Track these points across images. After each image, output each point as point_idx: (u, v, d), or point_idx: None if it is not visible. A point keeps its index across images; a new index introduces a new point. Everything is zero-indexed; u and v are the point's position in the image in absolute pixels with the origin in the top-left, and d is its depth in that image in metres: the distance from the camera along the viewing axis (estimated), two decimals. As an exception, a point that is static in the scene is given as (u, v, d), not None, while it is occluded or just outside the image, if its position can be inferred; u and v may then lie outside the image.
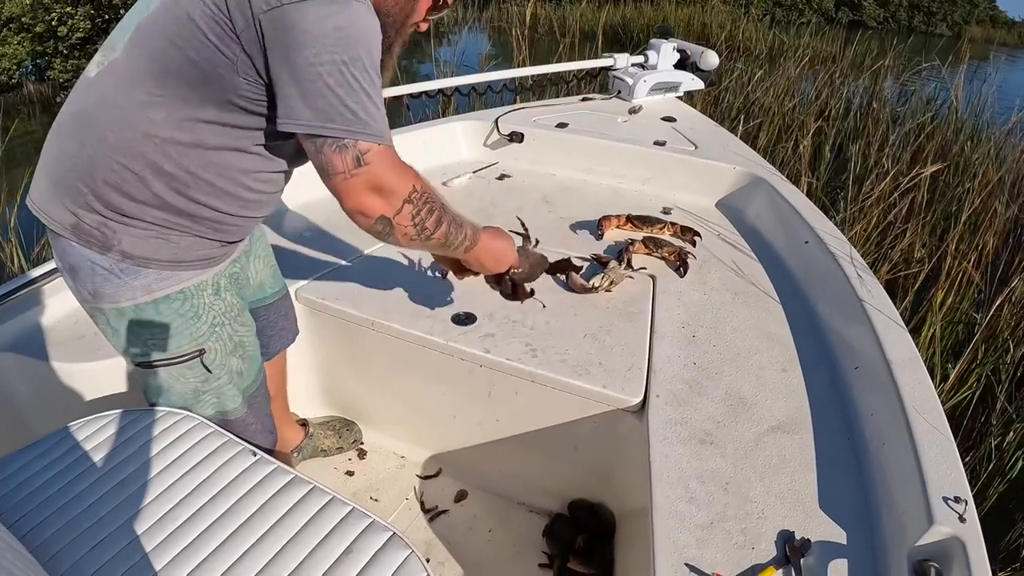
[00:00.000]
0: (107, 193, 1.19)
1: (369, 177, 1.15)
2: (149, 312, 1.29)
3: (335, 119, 1.10)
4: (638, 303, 1.99)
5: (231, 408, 1.49)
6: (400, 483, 2.10)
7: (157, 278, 1.27)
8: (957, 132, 6.38)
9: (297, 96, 1.09)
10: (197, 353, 1.37)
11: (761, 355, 1.81)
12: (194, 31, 1.08)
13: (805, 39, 12.69)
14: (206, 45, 1.09)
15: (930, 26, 30.61)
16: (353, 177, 1.15)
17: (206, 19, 1.07)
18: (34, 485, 1.25)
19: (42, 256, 4.12)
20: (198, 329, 1.35)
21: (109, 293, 1.26)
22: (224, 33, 1.08)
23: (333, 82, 1.08)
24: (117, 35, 1.19)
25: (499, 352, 1.75)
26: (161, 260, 1.26)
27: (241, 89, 1.14)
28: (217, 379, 1.43)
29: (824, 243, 2.14)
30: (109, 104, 1.15)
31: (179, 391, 1.40)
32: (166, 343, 1.33)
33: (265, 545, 1.12)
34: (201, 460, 1.29)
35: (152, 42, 1.12)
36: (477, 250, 1.49)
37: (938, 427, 1.41)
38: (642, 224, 2.39)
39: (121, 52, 1.15)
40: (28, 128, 8.02)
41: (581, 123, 3.19)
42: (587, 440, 1.78)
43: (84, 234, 1.21)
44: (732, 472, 1.43)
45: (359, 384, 2.13)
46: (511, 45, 6.53)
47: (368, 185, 1.16)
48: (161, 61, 1.12)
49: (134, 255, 1.24)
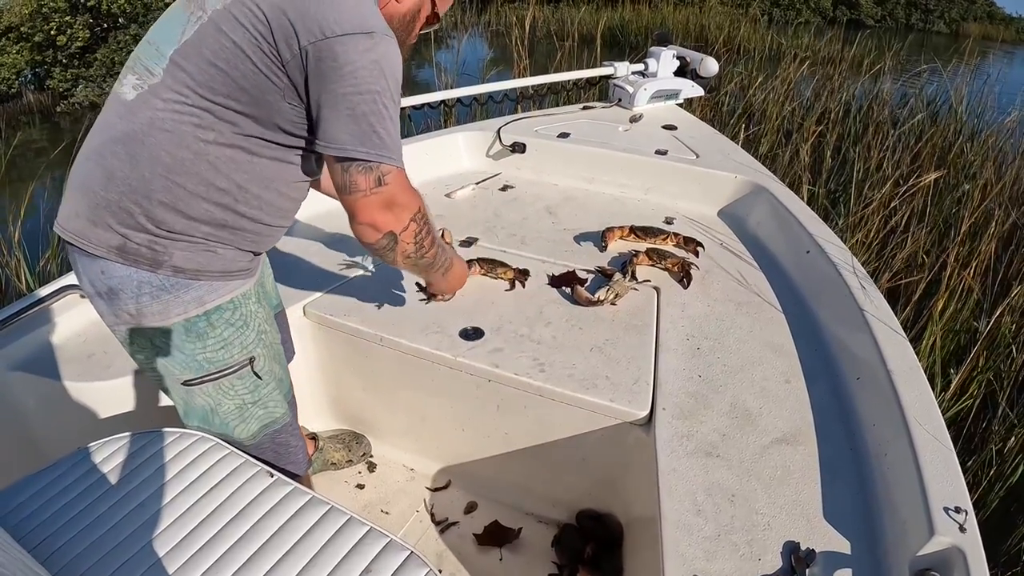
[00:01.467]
0: (161, 211, 1.22)
1: (386, 196, 1.27)
2: (200, 325, 1.31)
3: (365, 143, 1.22)
4: (643, 315, 2.01)
5: (279, 415, 1.52)
6: (410, 496, 2.12)
7: (208, 289, 1.30)
8: (957, 133, 6.38)
9: (336, 121, 1.20)
10: (248, 361, 1.41)
11: (765, 366, 1.83)
12: (241, 58, 1.17)
13: (804, 39, 12.69)
14: (254, 72, 1.18)
15: (928, 23, 30.54)
16: (373, 195, 1.26)
17: (252, 47, 1.16)
18: (52, 508, 1.26)
19: (47, 270, 4.12)
20: (247, 337, 1.39)
21: (157, 311, 1.27)
22: (271, 62, 1.17)
23: (368, 110, 1.20)
24: (150, 60, 1.22)
25: (507, 367, 1.77)
26: (212, 272, 1.30)
27: (285, 112, 1.24)
28: (266, 385, 1.46)
29: (826, 252, 2.16)
30: (160, 126, 1.19)
31: (225, 408, 1.42)
32: (218, 354, 1.35)
33: (285, 567, 1.14)
34: (218, 482, 1.30)
35: (198, 67, 1.18)
36: (451, 272, 1.69)
37: (939, 437, 1.43)
38: (645, 235, 2.41)
39: (162, 76, 1.19)
40: (29, 138, 8.04)
41: (583, 132, 3.22)
42: (594, 452, 1.80)
43: (131, 254, 1.24)
44: (738, 484, 1.45)
45: (368, 398, 2.15)
46: (510, 50, 6.54)
47: (384, 203, 1.28)
48: (209, 86, 1.18)
49: (186, 269, 1.27)
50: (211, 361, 1.35)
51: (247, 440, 1.48)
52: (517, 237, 2.46)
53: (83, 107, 9.05)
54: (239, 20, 1.16)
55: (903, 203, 4.20)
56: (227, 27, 1.16)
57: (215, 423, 1.44)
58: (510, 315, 1.98)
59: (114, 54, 9.24)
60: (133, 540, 1.19)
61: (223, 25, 1.17)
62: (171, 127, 1.19)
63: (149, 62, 1.22)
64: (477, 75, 7.22)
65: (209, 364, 1.35)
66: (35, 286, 3.96)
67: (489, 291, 2.11)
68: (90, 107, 8.95)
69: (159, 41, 1.23)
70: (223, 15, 1.17)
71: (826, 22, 22.65)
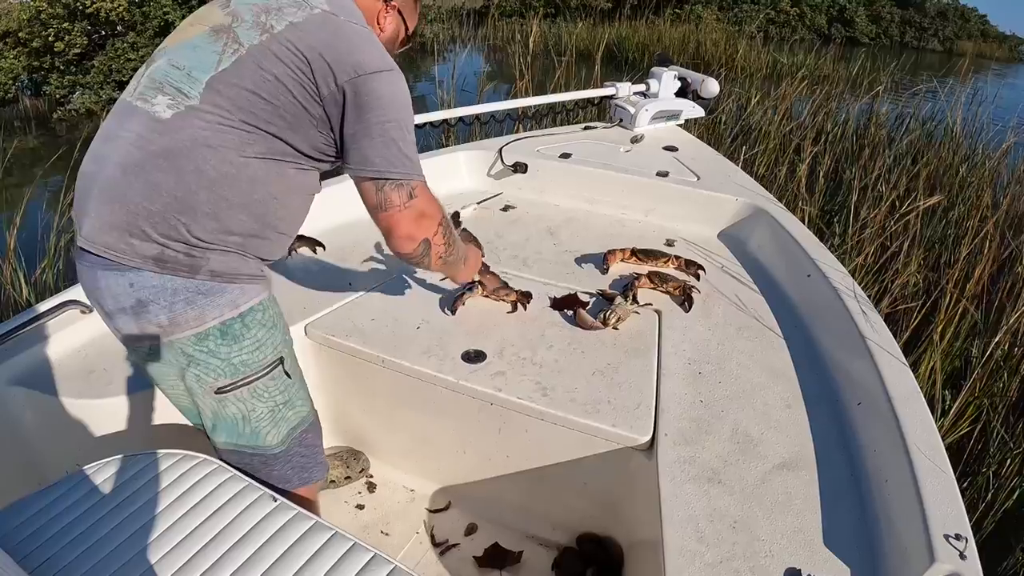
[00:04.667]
0: (204, 221, 1.29)
1: (418, 208, 1.44)
2: (236, 327, 1.34)
3: (396, 164, 1.38)
4: (644, 339, 2.02)
5: (306, 413, 1.55)
6: (410, 517, 2.11)
7: (241, 292, 1.35)
8: (953, 154, 6.42)
9: (371, 147, 1.36)
10: (279, 361, 1.44)
11: (766, 391, 1.83)
12: (282, 90, 1.29)
13: (800, 57, 12.77)
14: (293, 103, 1.31)
15: (922, 41, 30.74)
16: (406, 208, 1.42)
17: (292, 82, 1.29)
18: (53, 530, 1.25)
19: (43, 279, 4.10)
20: (276, 337, 1.43)
21: (193, 316, 1.30)
22: (308, 95, 1.31)
23: (396, 136, 1.37)
24: (182, 83, 1.29)
25: (510, 391, 1.77)
26: (244, 275, 1.36)
27: (313, 138, 1.37)
28: (294, 384, 1.50)
29: (826, 277, 2.17)
30: (203, 143, 1.27)
31: (258, 412, 1.43)
32: (253, 356, 1.38)
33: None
34: (220, 506, 1.30)
35: (238, 94, 1.28)
36: (469, 261, 1.85)
37: (939, 464, 1.43)
38: (646, 258, 2.42)
39: (200, 100, 1.27)
40: (26, 145, 8.02)
41: (584, 153, 3.23)
42: (596, 476, 1.80)
43: (169, 262, 1.27)
44: (740, 511, 1.45)
45: (368, 418, 2.15)
46: (508, 64, 6.56)
47: (416, 214, 1.44)
48: (250, 111, 1.29)
49: (223, 272, 1.32)
50: (246, 364, 1.37)
51: (277, 446, 1.49)
52: (519, 259, 2.46)
53: (79, 114, 9.01)
54: (279, 57, 1.29)
55: (900, 227, 4.21)
56: (267, 63, 1.28)
57: (245, 432, 1.44)
58: (512, 338, 1.99)
59: (111, 62, 9.23)
60: (133, 565, 1.18)
61: (263, 61, 1.28)
62: (215, 144, 1.27)
63: (182, 85, 1.29)
64: (475, 90, 7.23)
65: (245, 367, 1.37)
66: (31, 295, 3.95)
67: (491, 313, 2.11)
68: (87, 114, 8.92)
69: (190, 67, 1.30)
70: (262, 51, 1.29)
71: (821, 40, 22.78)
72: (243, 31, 1.31)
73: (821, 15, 26.46)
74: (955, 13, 33.11)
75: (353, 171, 1.40)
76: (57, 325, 1.91)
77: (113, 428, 1.80)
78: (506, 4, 22.02)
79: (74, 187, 1.39)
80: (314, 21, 1.33)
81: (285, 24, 1.32)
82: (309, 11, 1.34)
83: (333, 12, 1.36)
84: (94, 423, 1.79)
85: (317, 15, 1.34)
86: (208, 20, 1.36)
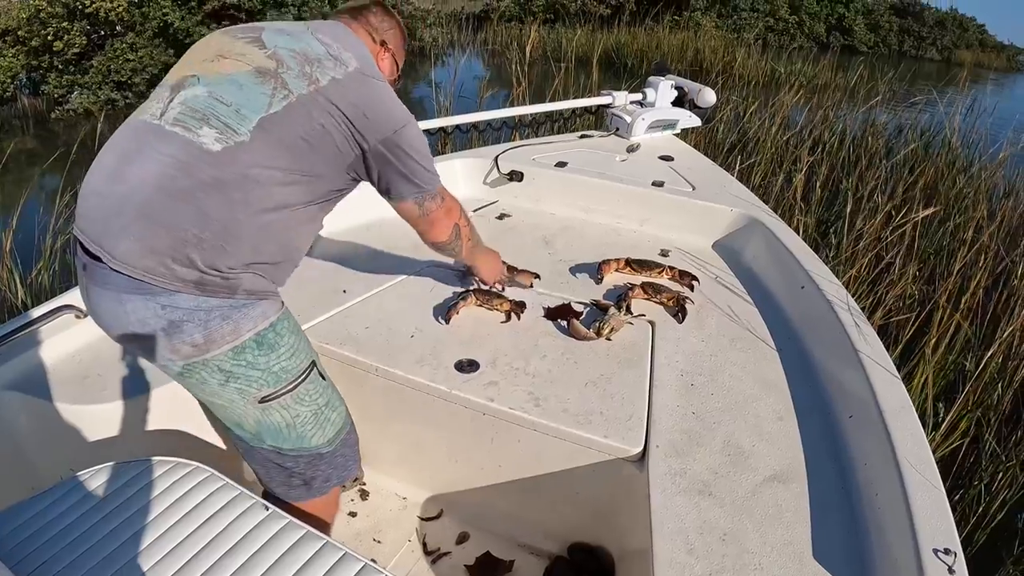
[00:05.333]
0: (244, 250, 1.37)
1: (445, 206, 1.76)
2: (270, 336, 1.41)
3: (428, 183, 1.66)
4: (637, 350, 2.02)
5: (345, 414, 1.67)
6: (402, 525, 2.12)
7: (270, 304, 1.44)
8: (950, 165, 6.44)
9: (412, 179, 1.61)
10: (312, 364, 1.53)
11: (758, 403, 1.84)
12: (328, 140, 1.43)
13: (798, 66, 12.79)
14: (335, 152, 1.46)
15: (920, 50, 30.80)
16: (439, 208, 1.74)
17: (337, 132, 1.44)
18: (47, 535, 1.26)
19: (39, 281, 4.09)
20: (303, 343, 1.52)
21: (229, 331, 1.35)
22: (349, 146, 1.48)
23: (425, 164, 1.62)
24: (230, 119, 1.36)
25: (502, 401, 1.78)
26: (272, 291, 1.47)
27: (342, 180, 1.54)
28: (330, 386, 1.60)
29: (820, 289, 2.17)
30: (252, 180, 1.36)
31: (303, 417, 1.50)
32: (291, 362, 1.45)
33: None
34: (213, 514, 1.31)
35: (288, 137, 1.39)
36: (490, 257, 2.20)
37: (929, 478, 1.44)
38: (641, 268, 2.43)
39: (251, 138, 1.36)
40: (25, 145, 8.02)
41: (580, 162, 3.23)
42: (587, 486, 1.81)
43: (208, 285, 1.33)
44: (730, 523, 1.46)
45: (361, 426, 2.12)
46: (507, 69, 6.56)
47: (447, 208, 1.77)
48: (294, 152, 1.40)
49: (256, 290, 1.40)
50: (286, 370, 1.44)
51: (325, 446, 1.57)
52: None
53: (77, 114, 9.04)
54: (327, 110, 1.41)
55: (895, 238, 4.22)
56: (316, 113, 1.40)
57: (291, 437, 1.50)
58: (505, 348, 1.99)
59: (110, 62, 9.24)
60: (126, 572, 1.19)
61: (313, 110, 1.40)
62: (263, 181, 1.37)
63: (230, 121, 1.36)
64: (474, 96, 7.22)
65: (285, 374, 1.44)
66: (27, 298, 3.95)
67: (485, 323, 2.12)
68: (84, 114, 8.94)
69: (239, 104, 1.37)
70: (312, 101, 1.40)
71: (819, 48, 22.81)
72: (291, 79, 1.40)
73: (820, 23, 26.51)
74: (953, 22, 33.15)
75: (396, 200, 1.66)
76: (52, 330, 1.91)
77: (107, 434, 1.80)
78: (506, 9, 22.06)
79: (71, 189, 1.41)
80: (353, 80, 1.47)
81: (328, 79, 1.43)
82: (346, 69, 1.47)
83: (363, 72, 1.50)
84: (88, 429, 1.79)
85: (354, 74, 1.47)
86: (247, 58, 1.43)
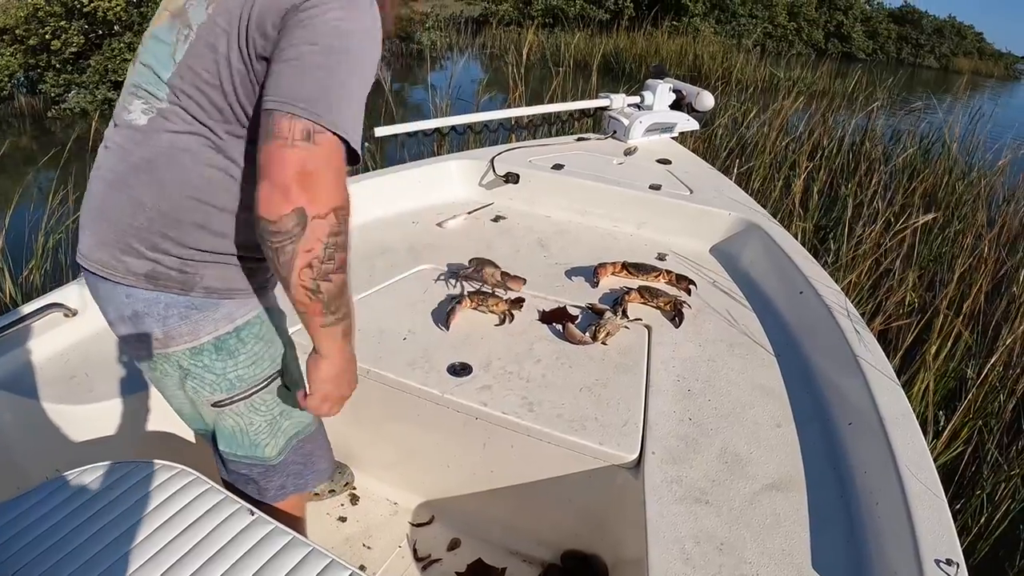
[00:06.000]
0: (194, 233, 1.19)
1: (312, 158, 1.06)
2: (231, 342, 1.28)
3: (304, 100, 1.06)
4: (633, 355, 1.99)
5: (308, 421, 1.50)
6: (393, 530, 2.09)
7: (238, 306, 1.28)
8: (948, 171, 6.44)
9: (280, 75, 1.08)
10: (277, 375, 1.38)
11: (756, 410, 1.81)
12: (235, 69, 1.13)
13: (797, 72, 12.82)
14: (249, 81, 1.14)
15: (918, 58, 30.96)
16: (295, 148, 1.05)
17: (237, 57, 1.12)
18: (28, 537, 1.23)
19: (31, 280, 4.07)
20: (276, 350, 1.37)
21: (187, 331, 1.24)
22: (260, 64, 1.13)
23: (320, 63, 1.07)
24: (151, 85, 1.19)
25: (495, 406, 1.75)
26: (242, 289, 1.28)
27: None
28: (291, 395, 1.42)
29: (819, 294, 2.15)
30: (181, 149, 1.16)
31: (256, 425, 1.39)
32: (249, 370, 1.32)
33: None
34: (197, 518, 1.28)
35: (196, 89, 1.15)
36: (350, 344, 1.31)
37: (931, 487, 1.42)
38: (637, 272, 2.41)
39: (167, 101, 1.17)
40: (19, 143, 8.01)
41: (577, 164, 3.21)
42: (581, 493, 1.78)
43: (161, 278, 1.21)
44: (727, 532, 1.43)
45: (352, 429, 2.12)
46: (505, 72, 6.55)
47: (303, 165, 1.05)
48: (213, 105, 1.15)
49: (219, 288, 1.24)
50: (242, 379, 1.32)
51: (275, 457, 1.45)
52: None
53: (74, 113, 9.01)
54: (224, 29, 1.12)
55: (895, 244, 4.21)
56: (215, 39, 1.12)
57: (244, 443, 1.41)
58: (499, 351, 1.96)
59: (108, 61, 9.22)
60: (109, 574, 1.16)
61: (212, 38, 1.13)
62: (194, 148, 1.17)
63: (151, 87, 1.19)
64: (471, 99, 7.21)
65: (240, 382, 1.32)
66: (17, 297, 3.92)
67: (479, 325, 2.09)
68: (81, 114, 8.92)
69: (154, 65, 1.19)
70: (211, 27, 1.13)
71: (818, 55, 22.89)
72: (193, 10, 1.16)
73: (818, 30, 26.65)
74: (952, 30, 33.37)
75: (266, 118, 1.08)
76: (40, 328, 1.89)
77: (93, 435, 1.77)
78: (504, 13, 22.10)
79: (65, 188, 1.36)
80: None
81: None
82: None
83: None
84: (75, 429, 1.76)
85: None
86: (171, 3, 1.22)
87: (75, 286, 1.98)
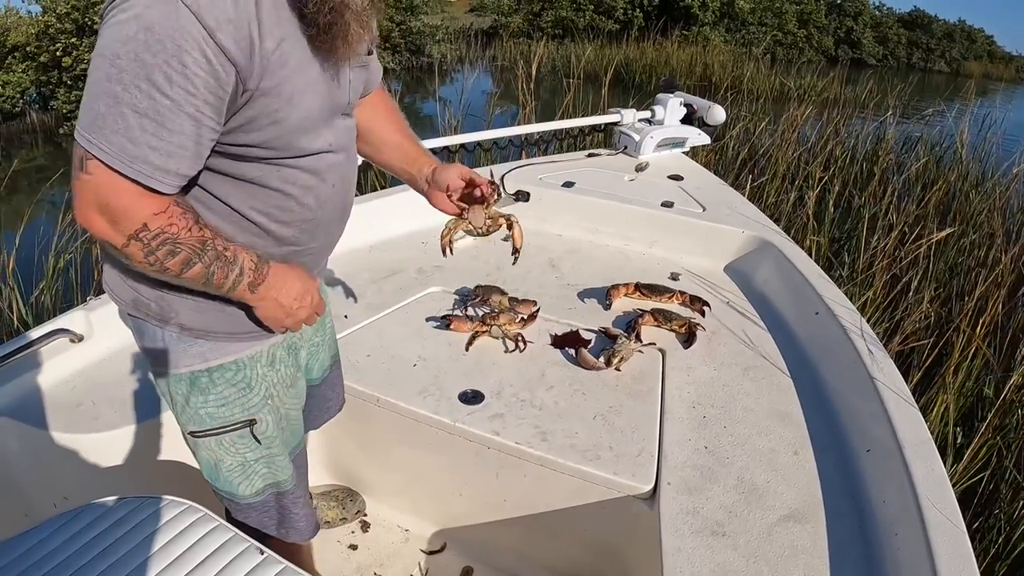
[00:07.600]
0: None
1: (85, 188, 0.99)
2: (203, 380, 1.29)
3: (81, 119, 0.99)
4: (648, 380, 1.97)
5: (283, 479, 1.48)
6: (404, 558, 2.06)
7: (212, 348, 1.27)
8: (962, 179, 6.38)
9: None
10: (247, 423, 1.36)
11: (772, 436, 1.78)
12: None
13: (808, 79, 12.77)
14: None
15: (929, 62, 30.87)
16: (77, 178, 0.99)
17: None
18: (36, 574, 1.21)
19: (41, 301, 4.07)
20: (250, 400, 1.35)
21: (171, 360, 1.27)
22: None
23: (96, 77, 0.97)
24: None
25: (508, 435, 1.73)
26: (218, 332, 1.27)
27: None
28: (268, 448, 1.42)
29: (835, 314, 2.12)
30: None
31: (228, 463, 1.39)
32: (219, 411, 1.33)
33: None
34: (205, 558, 1.26)
35: None
36: (264, 290, 1.21)
37: (951, 518, 1.39)
38: (650, 293, 2.38)
39: None
40: (32, 160, 8.06)
41: (588, 181, 3.19)
42: (595, 523, 1.75)
43: (143, 308, 1.23)
44: (744, 566, 1.41)
45: (363, 456, 2.10)
46: (515, 85, 6.53)
47: (84, 196, 1.00)
48: None
49: (192, 327, 1.24)
50: (212, 416, 1.33)
51: (251, 497, 1.45)
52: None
53: (85, 130, 9.10)
54: None
55: (910, 259, 4.16)
56: None
57: (220, 478, 1.42)
58: (511, 378, 1.94)
59: (119, 79, 9.30)
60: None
61: None
62: None
63: None
64: (482, 112, 7.19)
65: (210, 419, 1.33)
66: (28, 318, 3.91)
67: (490, 351, 2.07)
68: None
69: None
70: None
71: (828, 61, 22.85)
72: None
73: (828, 36, 26.62)
74: (962, 34, 33.29)
75: None
76: (47, 354, 1.88)
77: (100, 464, 1.76)
78: (515, 25, 22.16)
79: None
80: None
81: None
82: None
83: None
84: (81, 458, 1.74)
85: None
86: None
87: (82, 311, 1.97)
